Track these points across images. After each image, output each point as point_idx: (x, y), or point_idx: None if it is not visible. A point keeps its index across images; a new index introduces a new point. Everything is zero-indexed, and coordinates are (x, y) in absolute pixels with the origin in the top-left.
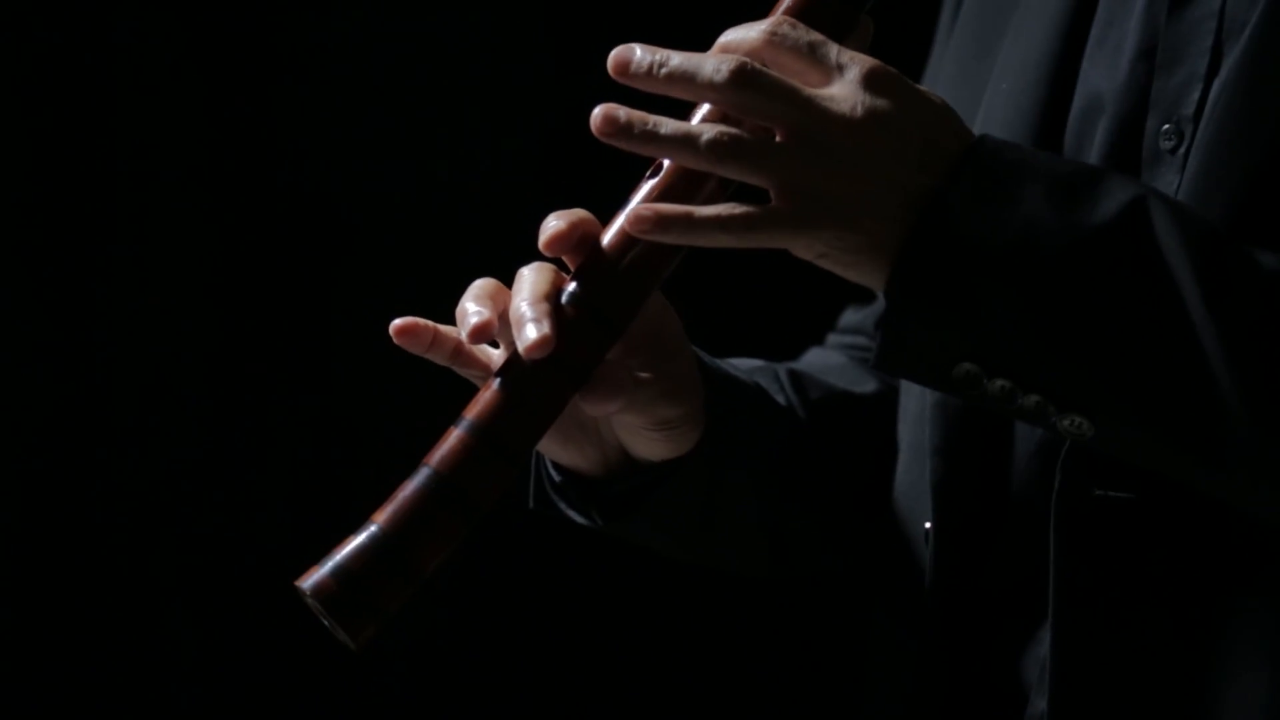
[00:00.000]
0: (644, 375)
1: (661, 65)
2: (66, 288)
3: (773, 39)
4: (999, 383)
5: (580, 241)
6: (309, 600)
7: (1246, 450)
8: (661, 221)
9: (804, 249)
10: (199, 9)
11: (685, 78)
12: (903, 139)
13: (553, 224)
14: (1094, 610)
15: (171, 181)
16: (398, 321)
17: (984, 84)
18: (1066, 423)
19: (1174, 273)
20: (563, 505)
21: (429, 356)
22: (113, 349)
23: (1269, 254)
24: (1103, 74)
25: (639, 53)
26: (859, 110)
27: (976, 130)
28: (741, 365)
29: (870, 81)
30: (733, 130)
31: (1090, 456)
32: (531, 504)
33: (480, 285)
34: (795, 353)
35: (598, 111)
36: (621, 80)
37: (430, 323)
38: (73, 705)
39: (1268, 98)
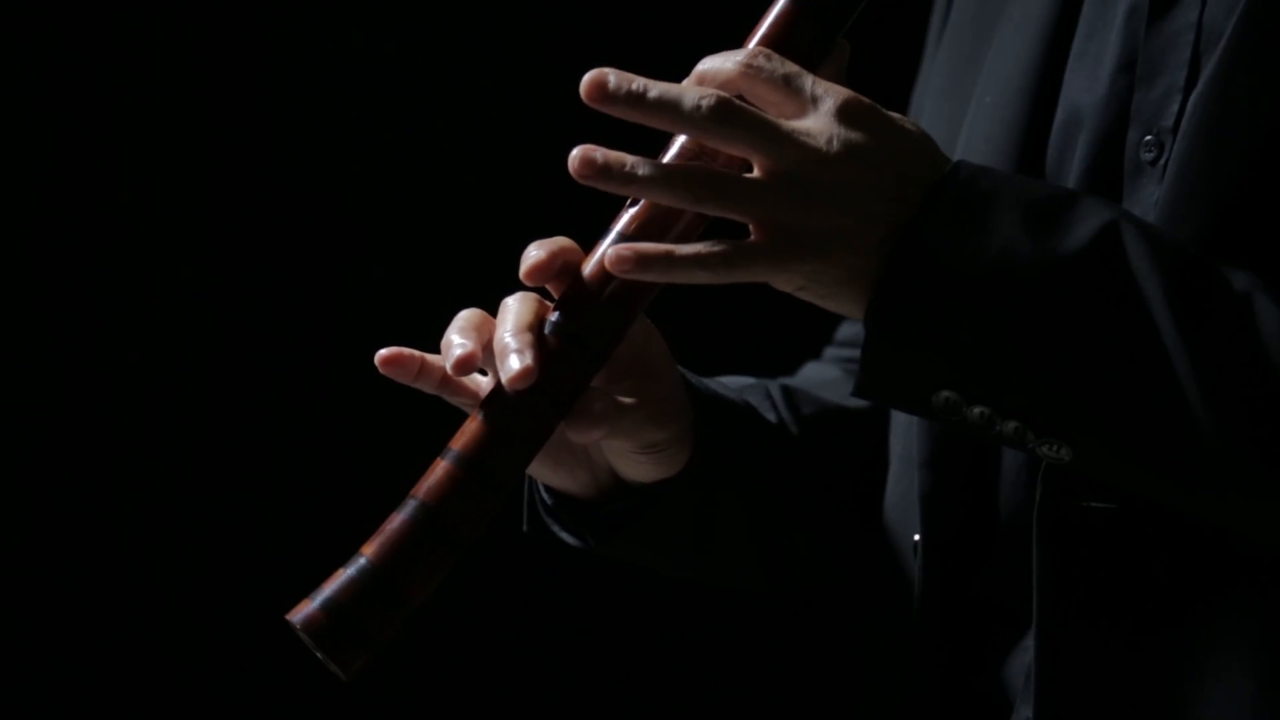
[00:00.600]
0: (629, 400)
1: (640, 95)
2: (67, 291)
3: (748, 71)
4: (978, 409)
5: (561, 270)
6: (300, 634)
7: (1221, 472)
8: (641, 261)
9: (784, 283)
10: (201, 11)
11: (667, 107)
12: (879, 171)
13: (533, 254)
14: (1077, 619)
15: (172, 185)
16: (383, 352)
17: (970, 97)
18: (1045, 448)
19: (1146, 298)
20: (555, 528)
21: (417, 385)
22: (113, 352)
23: (1241, 274)
24: (1084, 87)
25: (614, 78)
26: (835, 145)
27: (961, 144)
28: (731, 383)
29: (845, 114)
30: (710, 170)
31: None
32: (525, 527)
33: (465, 316)
34: (793, 367)
35: (575, 154)
36: (594, 105)
37: (417, 352)
38: (73, 707)
39: (1241, 108)
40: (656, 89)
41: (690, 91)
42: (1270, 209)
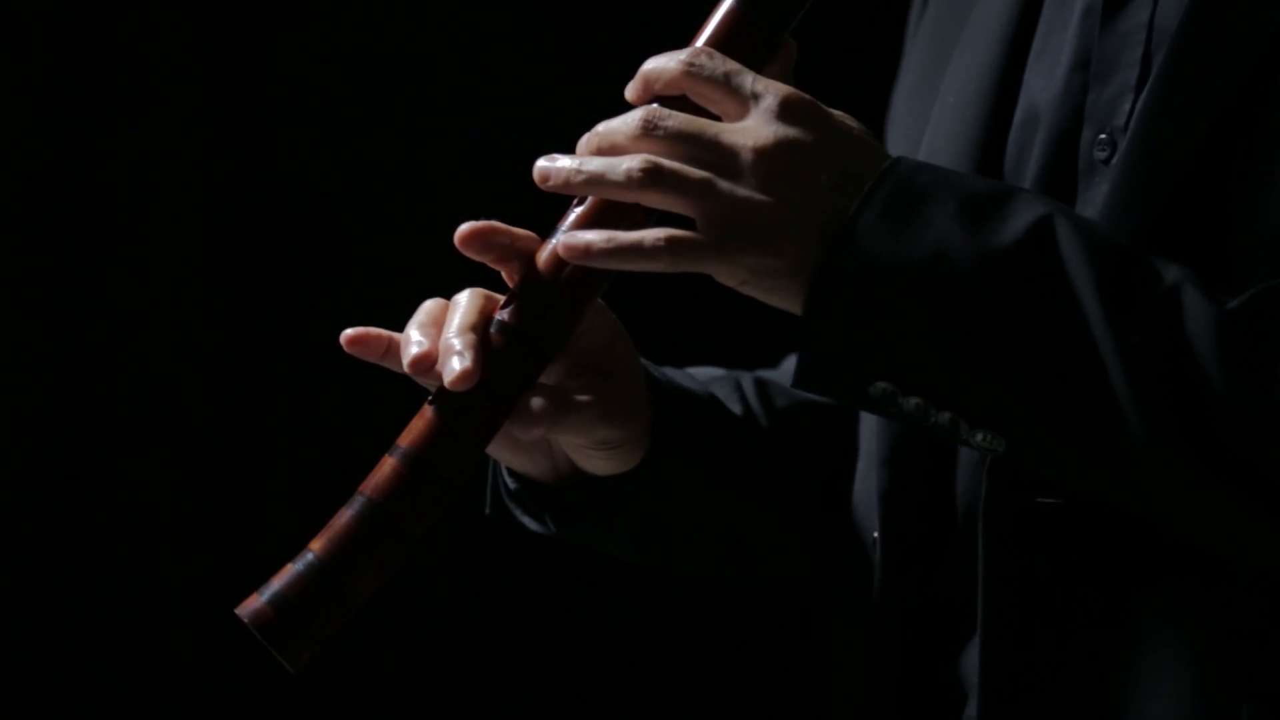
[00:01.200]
0: (583, 398)
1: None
2: (68, 291)
3: (690, 70)
4: (913, 400)
5: (501, 250)
6: (249, 627)
7: (1149, 465)
8: (590, 250)
9: (727, 275)
10: (202, 13)
11: (606, 143)
12: (818, 164)
13: (468, 223)
14: (1022, 615)
15: (174, 185)
16: (348, 332)
17: (938, 95)
18: (979, 438)
19: (1077, 291)
20: (517, 511)
21: (385, 364)
22: (114, 352)
23: (1174, 267)
24: (1041, 85)
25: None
26: (771, 139)
27: (925, 143)
28: (701, 375)
29: (783, 110)
30: (653, 161)
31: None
32: (488, 510)
33: (427, 310)
34: (777, 359)
35: (535, 167)
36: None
37: (384, 331)
38: (73, 707)
39: (1182, 109)
40: (601, 131)
41: (621, 126)
42: (1207, 210)
